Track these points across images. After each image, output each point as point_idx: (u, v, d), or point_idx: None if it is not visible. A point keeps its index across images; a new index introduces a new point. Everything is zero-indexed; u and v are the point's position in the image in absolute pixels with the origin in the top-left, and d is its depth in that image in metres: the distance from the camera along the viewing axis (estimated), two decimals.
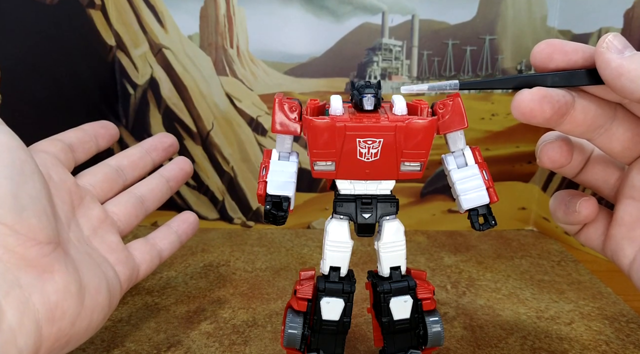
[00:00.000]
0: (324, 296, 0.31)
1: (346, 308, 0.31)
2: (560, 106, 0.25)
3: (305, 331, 0.31)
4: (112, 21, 0.60)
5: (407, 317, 0.31)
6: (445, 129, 0.29)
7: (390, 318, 0.31)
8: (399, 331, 0.32)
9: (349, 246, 0.31)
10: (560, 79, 0.26)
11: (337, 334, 0.32)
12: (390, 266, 0.31)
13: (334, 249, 0.31)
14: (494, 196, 0.29)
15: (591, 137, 0.28)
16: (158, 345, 0.40)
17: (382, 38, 0.61)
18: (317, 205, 0.66)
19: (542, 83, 0.26)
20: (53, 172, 0.32)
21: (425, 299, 0.31)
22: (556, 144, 0.29)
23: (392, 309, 0.31)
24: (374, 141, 0.27)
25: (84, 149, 0.37)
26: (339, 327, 0.31)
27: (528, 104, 0.25)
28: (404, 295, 0.31)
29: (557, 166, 0.29)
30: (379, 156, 0.28)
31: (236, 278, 0.52)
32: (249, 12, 0.60)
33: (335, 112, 0.28)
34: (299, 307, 0.31)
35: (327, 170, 0.29)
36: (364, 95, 0.28)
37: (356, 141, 0.28)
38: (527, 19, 0.60)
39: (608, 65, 0.24)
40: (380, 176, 0.29)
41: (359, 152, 0.28)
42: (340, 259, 0.31)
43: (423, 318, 0.32)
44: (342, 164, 0.28)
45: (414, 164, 0.29)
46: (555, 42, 0.27)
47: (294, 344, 0.31)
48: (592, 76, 0.26)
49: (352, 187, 0.30)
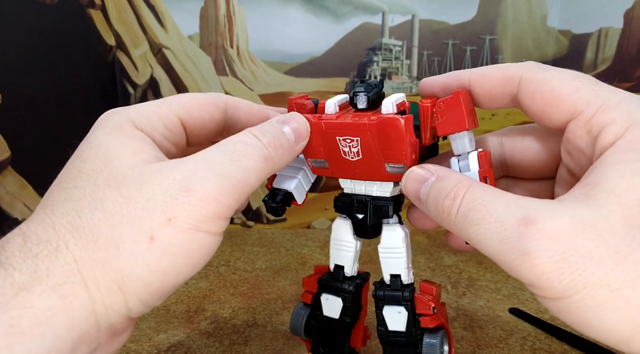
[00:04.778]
0: (322, 292, 0.31)
1: (345, 308, 0.31)
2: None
3: (312, 322, 0.32)
4: (112, 21, 0.60)
5: (402, 330, 0.29)
6: (443, 130, 0.26)
7: (385, 327, 0.29)
8: (395, 343, 0.29)
9: (351, 245, 0.30)
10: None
11: (340, 333, 0.32)
12: (389, 273, 0.30)
13: (336, 247, 0.31)
14: None
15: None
16: (158, 345, 0.40)
17: (382, 38, 0.61)
18: (317, 205, 0.66)
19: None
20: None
21: (424, 315, 0.28)
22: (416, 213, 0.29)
23: (386, 317, 0.29)
24: (352, 139, 0.26)
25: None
26: (339, 326, 0.31)
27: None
28: (398, 305, 0.29)
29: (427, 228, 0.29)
30: (362, 156, 0.27)
31: (236, 278, 0.52)
32: (249, 12, 0.60)
33: (328, 110, 0.28)
34: (305, 299, 0.32)
35: (323, 167, 0.29)
36: (357, 93, 0.27)
37: (336, 140, 0.27)
38: (527, 19, 0.60)
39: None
40: (369, 176, 0.28)
41: (342, 151, 0.27)
42: (342, 258, 0.31)
43: (422, 336, 0.29)
44: (332, 162, 0.28)
45: (397, 165, 0.26)
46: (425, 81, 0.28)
47: (298, 333, 0.32)
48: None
49: (352, 187, 0.29)
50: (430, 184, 0.25)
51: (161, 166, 0.23)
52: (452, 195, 0.23)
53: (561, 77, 0.24)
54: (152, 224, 0.21)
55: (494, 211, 0.21)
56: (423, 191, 0.25)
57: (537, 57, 0.61)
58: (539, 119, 0.25)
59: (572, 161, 0.25)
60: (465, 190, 0.23)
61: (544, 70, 0.24)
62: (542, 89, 0.24)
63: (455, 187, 0.23)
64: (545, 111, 0.24)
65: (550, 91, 0.24)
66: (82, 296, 0.20)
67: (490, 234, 0.21)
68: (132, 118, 0.25)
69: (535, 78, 0.24)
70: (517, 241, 0.20)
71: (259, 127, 0.26)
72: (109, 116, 0.25)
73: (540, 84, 0.24)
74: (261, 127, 0.26)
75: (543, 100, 0.24)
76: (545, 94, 0.24)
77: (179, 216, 0.21)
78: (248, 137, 0.25)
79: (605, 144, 0.22)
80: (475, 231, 0.22)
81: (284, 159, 0.26)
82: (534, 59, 0.63)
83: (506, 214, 0.21)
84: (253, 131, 0.25)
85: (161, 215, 0.21)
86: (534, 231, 0.20)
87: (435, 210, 0.24)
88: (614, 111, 0.22)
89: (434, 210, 0.24)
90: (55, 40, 0.55)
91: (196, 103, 0.27)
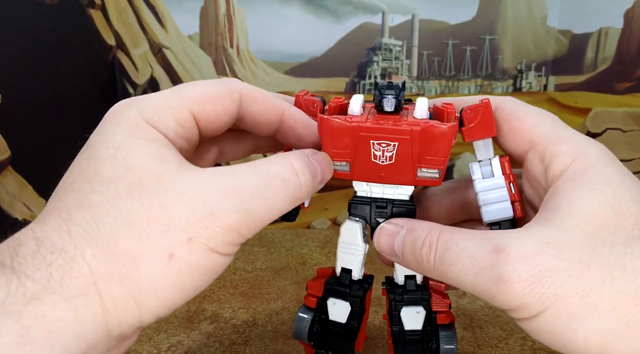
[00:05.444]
0: (330, 297, 0.31)
1: (353, 312, 0.30)
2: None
3: (315, 327, 0.31)
4: (112, 21, 0.60)
5: (419, 328, 0.30)
6: (472, 136, 0.27)
7: (401, 327, 0.30)
8: (409, 342, 0.30)
9: (360, 249, 0.30)
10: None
11: (345, 337, 0.31)
12: (404, 275, 0.30)
13: (344, 250, 0.30)
14: (519, 211, 0.28)
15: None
16: (158, 345, 0.40)
17: (382, 38, 0.61)
18: (317, 205, 0.66)
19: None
20: None
21: (440, 312, 0.30)
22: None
23: (403, 318, 0.30)
24: (388, 144, 0.26)
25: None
26: (346, 330, 0.31)
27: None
28: (417, 306, 0.30)
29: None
30: (394, 160, 0.27)
31: (236, 278, 0.52)
32: (249, 12, 0.60)
33: (352, 112, 0.27)
34: (309, 303, 0.31)
35: (342, 170, 0.28)
36: (385, 96, 0.27)
37: (370, 143, 0.26)
38: (527, 19, 0.60)
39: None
40: (395, 180, 0.28)
41: (373, 154, 0.27)
42: (350, 262, 0.30)
43: (437, 332, 0.30)
44: (357, 165, 0.27)
45: (431, 170, 0.27)
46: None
47: (301, 337, 0.31)
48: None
49: (368, 190, 0.29)
50: (402, 236, 0.26)
51: (186, 181, 0.22)
52: (427, 243, 0.24)
53: (527, 111, 0.27)
54: (172, 241, 0.21)
55: (465, 247, 0.23)
56: (397, 244, 0.26)
57: (537, 57, 0.61)
58: (507, 145, 0.28)
59: (531, 191, 0.28)
60: (437, 235, 0.24)
61: (517, 104, 0.27)
62: (512, 117, 0.27)
63: (428, 235, 0.25)
64: (510, 138, 0.27)
65: (517, 120, 0.27)
66: (95, 308, 0.20)
67: (466, 270, 0.23)
68: (146, 116, 0.24)
69: (507, 109, 0.27)
70: (490, 269, 0.22)
71: (301, 159, 0.25)
72: (120, 111, 0.24)
73: (510, 113, 0.27)
74: (300, 161, 0.25)
75: (510, 128, 0.27)
76: (513, 123, 0.27)
77: (199, 238, 0.21)
78: (288, 171, 0.24)
79: (555, 172, 0.25)
80: (453, 270, 0.23)
81: (306, 198, 0.26)
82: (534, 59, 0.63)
83: (477, 248, 0.23)
84: (295, 165, 0.24)
85: (182, 234, 0.21)
86: (503, 257, 0.22)
87: (415, 260, 0.25)
88: (565, 143, 0.25)
89: (412, 260, 0.25)
90: (55, 40, 0.55)
91: (211, 97, 0.26)
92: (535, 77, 0.62)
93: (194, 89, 0.26)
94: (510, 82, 0.62)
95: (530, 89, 0.62)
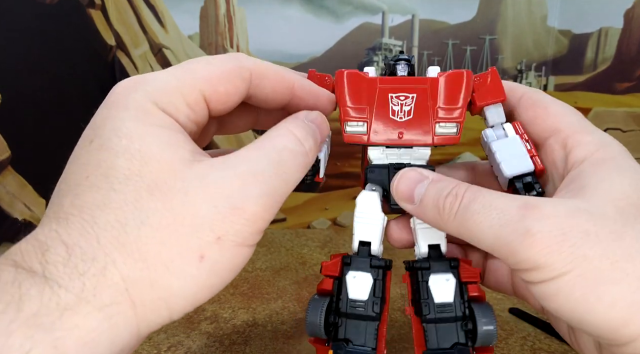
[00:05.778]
0: (349, 270, 0.28)
1: (376, 284, 0.27)
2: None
3: (331, 318, 0.27)
4: (112, 21, 0.60)
5: (451, 301, 0.27)
6: (483, 99, 0.28)
7: (431, 300, 0.27)
8: (441, 319, 0.27)
9: (379, 218, 0.28)
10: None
11: (367, 320, 0.27)
12: (428, 244, 0.28)
13: (362, 221, 0.28)
14: (539, 164, 0.27)
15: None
16: (158, 345, 0.40)
17: (382, 38, 0.61)
18: (317, 205, 0.66)
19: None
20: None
21: (471, 282, 0.27)
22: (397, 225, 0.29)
23: (432, 289, 0.27)
24: (407, 96, 0.27)
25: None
26: (368, 309, 0.27)
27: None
28: (446, 273, 0.27)
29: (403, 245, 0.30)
30: (413, 115, 0.27)
31: (236, 278, 0.52)
32: (249, 12, 0.60)
33: (370, 74, 0.28)
34: (325, 285, 0.28)
35: (359, 132, 0.28)
36: (398, 62, 0.28)
37: (388, 97, 0.27)
38: (527, 19, 0.60)
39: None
40: (414, 140, 0.27)
41: (392, 110, 0.27)
42: (370, 233, 0.28)
43: (471, 309, 0.26)
44: (375, 124, 0.27)
45: (449, 124, 0.27)
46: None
47: (317, 332, 0.27)
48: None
49: (384, 157, 0.28)
50: (426, 184, 0.25)
51: (203, 172, 0.22)
52: (455, 192, 0.24)
53: (555, 101, 0.27)
54: (201, 243, 0.21)
55: (494, 200, 0.23)
56: (418, 191, 0.26)
57: (537, 57, 0.61)
58: (529, 130, 0.28)
59: (545, 176, 0.28)
60: (465, 189, 0.24)
61: (544, 95, 0.28)
62: (538, 105, 0.27)
63: (456, 186, 0.24)
64: (534, 123, 0.27)
65: (543, 108, 0.27)
66: (128, 314, 0.20)
67: (490, 221, 0.22)
68: (155, 98, 0.22)
69: (535, 97, 0.28)
70: (518, 222, 0.21)
71: (300, 126, 0.25)
72: (126, 94, 0.23)
73: (537, 101, 0.27)
74: (300, 127, 0.25)
75: (535, 113, 0.27)
76: (538, 110, 0.27)
77: (227, 235, 0.21)
78: (292, 142, 0.24)
79: (577, 158, 0.25)
80: (475, 220, 0.23)
81: (312, 162, 0.25)
82: (534, 59, 0.63)
83: (506, 203, 0.22)
84: (296, 133, 0.24)
85: (210, 234, 0.21)
86: (535, 212, 0.21)
87: (434, 207, 0.25)
88: (589, 135, 0.25)
89: (432, 208, 0.25)
90: (55, 40, 0.55)
91: (222, 76, 0.24)
92: (535, 77, 0.62)
93: (205, 67, 0.24)
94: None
95: None
